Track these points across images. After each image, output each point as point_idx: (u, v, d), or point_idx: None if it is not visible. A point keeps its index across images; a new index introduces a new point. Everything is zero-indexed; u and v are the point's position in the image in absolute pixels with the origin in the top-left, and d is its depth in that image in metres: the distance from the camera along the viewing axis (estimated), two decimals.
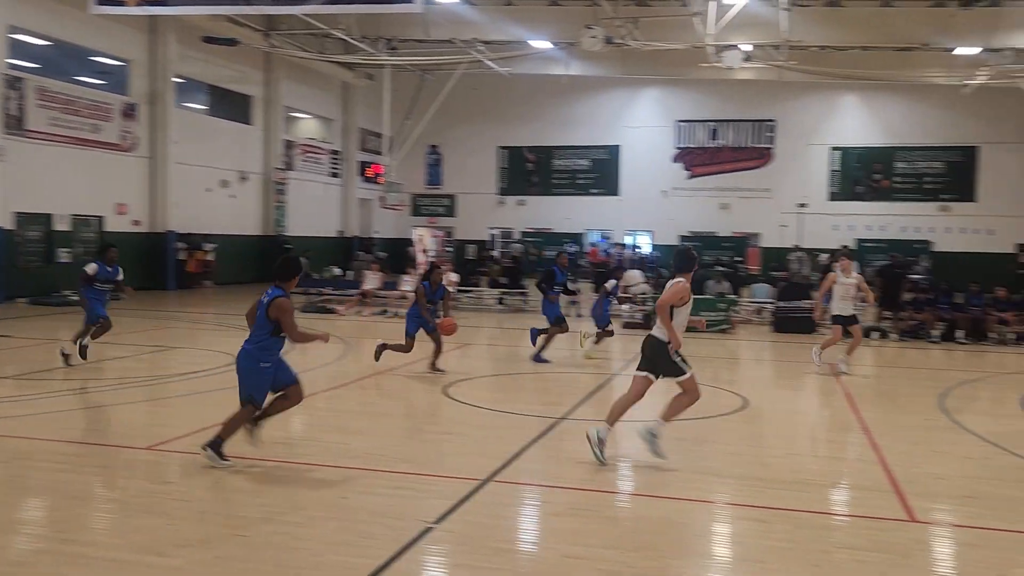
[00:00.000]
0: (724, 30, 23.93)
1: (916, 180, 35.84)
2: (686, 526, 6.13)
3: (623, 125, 38.20)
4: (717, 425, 9.43)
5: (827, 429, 9.89)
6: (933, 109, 34.49)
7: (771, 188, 36.75)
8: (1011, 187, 34.40)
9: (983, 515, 6.50)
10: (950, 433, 9.31)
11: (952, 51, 26.94)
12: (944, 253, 34.30)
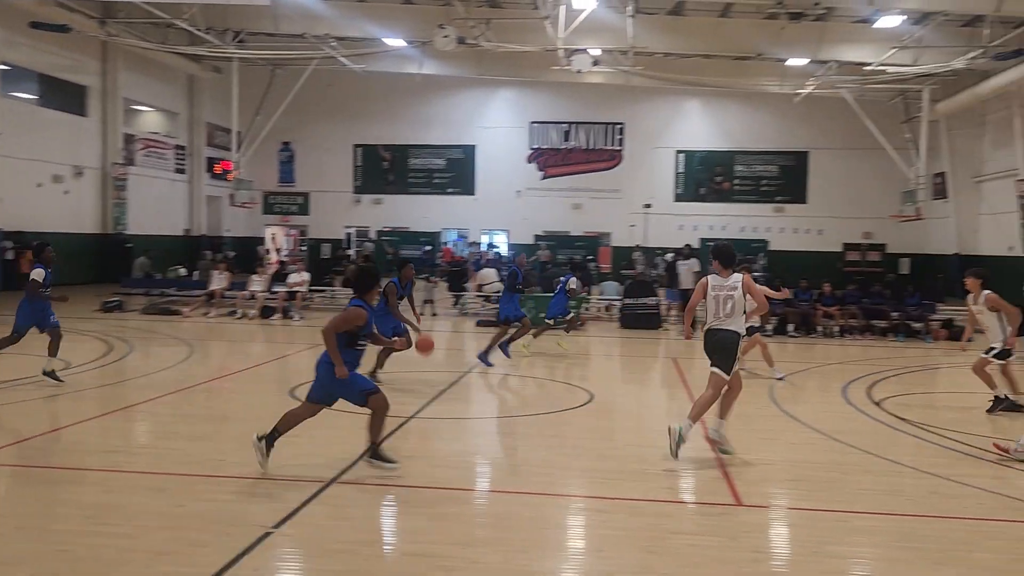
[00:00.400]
0: (573, 34, 24.51)
1: (754, 183, 37.83)
2: (530, 519, 6.25)
3: (478, 125, 38.48)
4: (564, 419, 9.67)
5: (667, 421, 10.27)
6: (768, 116, 36.48)
7: (621, 189, 37.90)
8: (838, 190, 36.87)
9: (805, 497, 6.95)
10: (779, 421, 9.88)
11: (784, 62, 28.62)
12: (779, 252, 36.33)
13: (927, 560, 5.47)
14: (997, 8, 21.28)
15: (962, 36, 24.80)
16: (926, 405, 11.43)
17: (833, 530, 6.10)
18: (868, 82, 28.53)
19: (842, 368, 14.53)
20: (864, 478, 7.38)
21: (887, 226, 34.72)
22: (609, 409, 10.53)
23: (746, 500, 6.67)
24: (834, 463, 7.92)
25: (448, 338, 18.56)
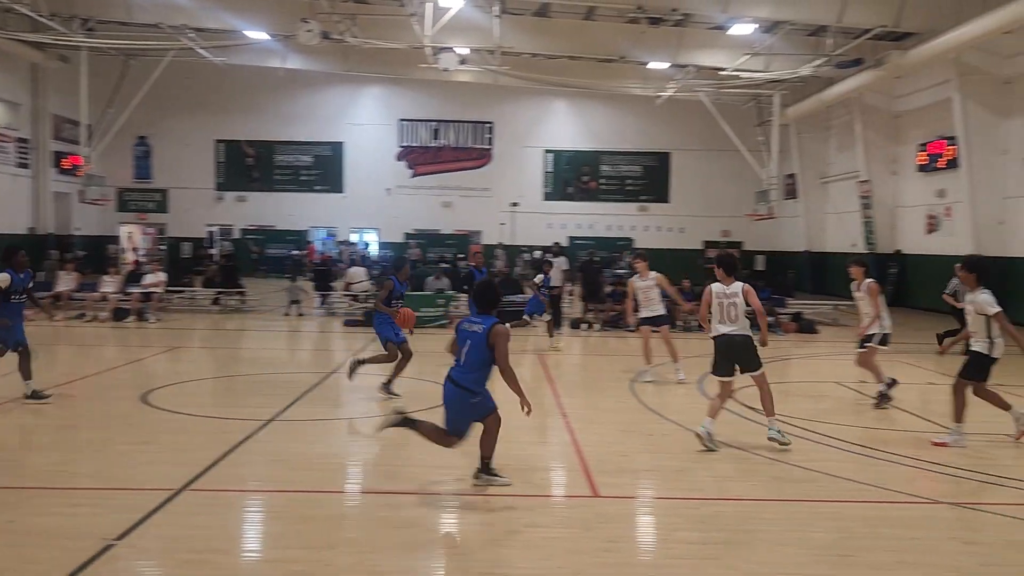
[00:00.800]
0: (440, 33, 24.48)
1: (619, 182, 38.83)
2: (387, 519, 6.19)
3: (347, 122, 37.94)
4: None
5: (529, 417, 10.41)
6: (632, 117, 37.53)
7: (490, 187, 38.16)
8: (698, 190, 38.33)
9: (658, 486, 7.19)
10: (637, 414, 10.16)
11: (646, 65, 29.43)
12: (644, 249, 37.38)
13: (767, 541, 5.76)
14: (838, 19, 22.59)
15: (808, 45, 26.18)
16: (777, 395, 11.99)
17: (683, 517, 6.33)
18: (724, 86, 29.72)
19: (701, 361, 15.04)
20: (715, 466, 7.69)
21: (743, 224, 36.29)
22: None
23: (603, 492, 6.83)
24: (687, 452, 8.20)
25: (315, 339, 18.21)
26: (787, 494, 6.83)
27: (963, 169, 23.13)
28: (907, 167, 28.04)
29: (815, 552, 5.47)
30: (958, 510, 6.51)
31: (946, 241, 25.51)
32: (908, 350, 16.30)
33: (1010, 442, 8.73)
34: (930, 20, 22.16)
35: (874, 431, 9.39)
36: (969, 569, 5.26)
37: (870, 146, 28.99)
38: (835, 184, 33.63)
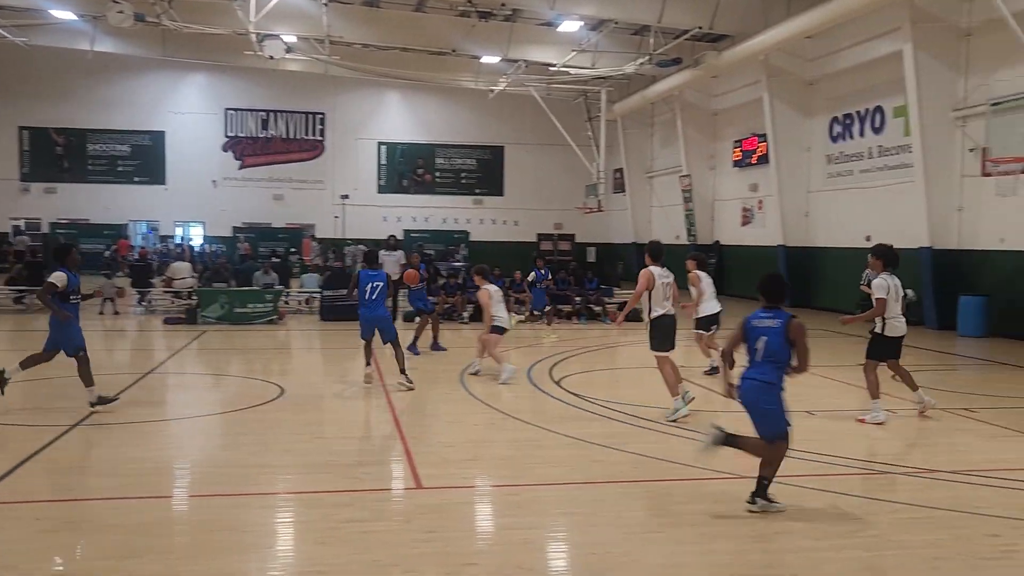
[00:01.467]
0: (266, 19, 23.74)
1: (454, 175, 39.00)
2: (200, 523, 5.95)
3: (167, 110, 36.20)
4: (251, 417, 9.33)
5: (358, 411, 10.29)
6: (466, 111, 37.77)
7: (323, 180, 37.44)
8: (531, 183, 39.06)
9: (481, 475, 7.26)
10: (465, 404, 10.23)
11: (479, 59, 29.68)
12: (480, 242, 37.77)
13: (582, 523, 5.93)
14: (659, 20, 23.56)
15: (632, 44, 27.18)
16: (601, 382, 12.42)
17: (503, 504, 6.43)
18: (553, 82, 30.41)
19: (530, 351, 15.36)
20: (536, 452, 7.86)
21: (575, 217, 37.30)
22: (300, 403, 10.31)
23: (426, 483, 6.83)
24: (511, 440, 8.35)
25: (132, 338, 17.27)
26: (604, 476, 7.06)
27: (773, 165, 24.68)
28: (724, 162, 29.65)
29: (625, 531, 5.69)
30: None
31: (759, 232, 27.16)
32: (722, 336, 17.21)
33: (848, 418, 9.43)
34: (741, 23, 23.48)
35: (693, 413, 9.85)
36: (767, 535, 5.61)
37: (690, 142, 30.43)
38: (659, 178, 35.09)
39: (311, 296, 21.54)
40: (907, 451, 8.32)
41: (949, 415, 9.77)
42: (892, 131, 20.90)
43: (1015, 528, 5.91)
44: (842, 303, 22.00)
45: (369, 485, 6.89)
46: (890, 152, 21.02)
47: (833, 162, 23.36)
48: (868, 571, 5.05)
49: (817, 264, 23.86)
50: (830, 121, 23.43)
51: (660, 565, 5.09)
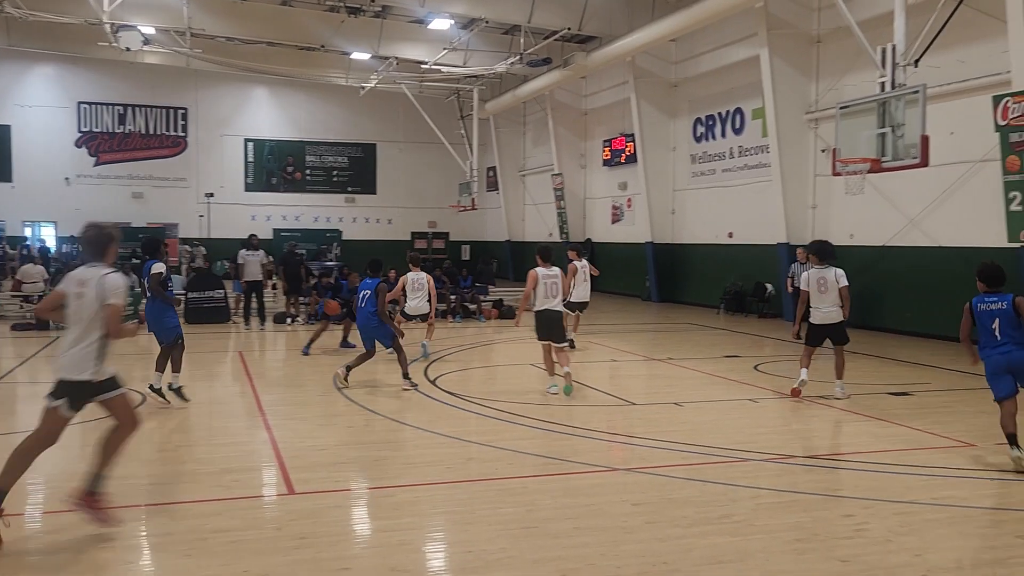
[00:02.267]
0: (122, 9, 22.67)
1: (326, 173, 38.27)
2: (54, 541, 5.60)
3: (13, 103, 33.99)
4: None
5: (226, 417, 9.96)
6: (336, 108, 37.14)
7: (187, 177, 36.04)
8: (405, 181, 38.79)
9: (356, 477, 7.15)
10: (338, 406, 10.05)
11: (349, 55, 29.23)
12: (353, 241, 37.24)
13: (458, 522, 5.93)
14: (528, 20, 23.82)
15: (503, 43, 27.37)
16: (477, 379, 12.45)
17: (378, 506, 6.35)
18: (425, 80, 30.30)
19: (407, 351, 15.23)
20: (411, 452, 7.81)
21: (449, 215, 37.26)
22: (164, 411, 9.88)
23: (299, 488, 6.67)
24: (386, 442, 8.26)
25: None
26: (477, 474, 7.08)
27: (640, 164, 25.36)
28: (595, 161, 30.26)
29: (501, 527, 5.71)
30: (629, 475, 7.10)
31: (628, 230, 27.86)
32: (595, 331, 17.59)
33: (713, 408, 9.74)
34: (608, 25, 24.03)
35: (563, 408, 10.01)
36: (636, 526, 5.75)
37: (562, 141, 30.91)
38: (532, 177, 35.50)
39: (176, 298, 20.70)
40: (769, 438, 8.70)
41: (807, 403, 10.28)
42: (751, 132, 21.85)
43: (866, 507, 6.27)
44: (708, 297, 22.86)
45: (239, 492, 6.66)
46: (750, 152, 21.96)
47: (697, 161, 24.22)
48: (734, 555, 5.24)
49: (683, 260, 24.69)
50: (694, 122, 24.28)
51: (534, 560, 5.13)
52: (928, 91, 11.76)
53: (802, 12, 19.28)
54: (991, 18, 14.20)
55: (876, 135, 12.12)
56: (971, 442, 8.24)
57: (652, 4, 22.72)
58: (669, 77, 25.06)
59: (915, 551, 5.31)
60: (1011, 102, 13.64)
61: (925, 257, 16.48)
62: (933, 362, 13.53)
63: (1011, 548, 5.49)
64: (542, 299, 10.56)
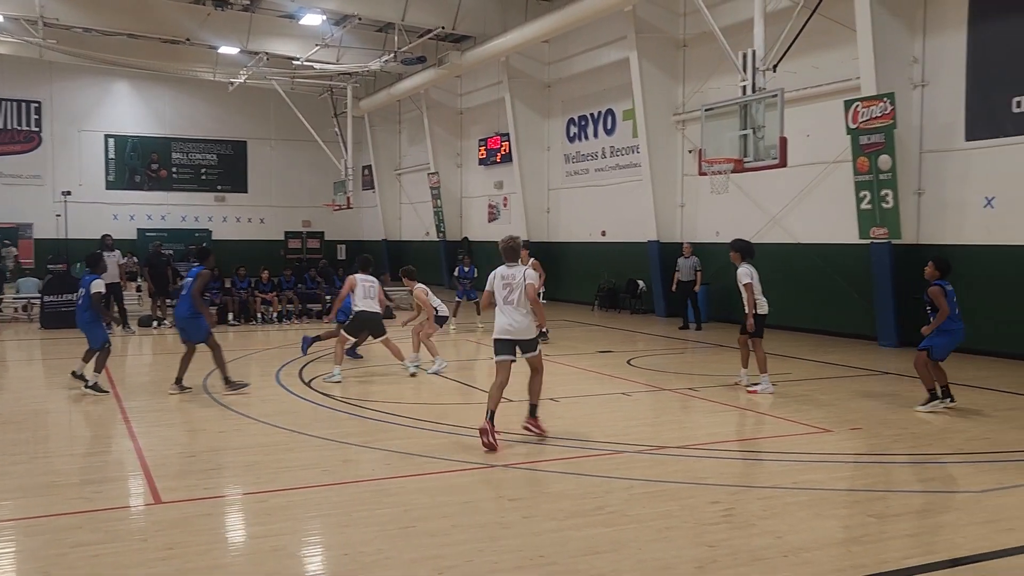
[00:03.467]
0: None
1: (193, 171, 36.92)
2: None
3: None
4: None
5: (87, 426, 9.48)
6: (204, 104, 35.89)
7: (42, 175, 34.05)
8: (277, 180, 37.87)
9: (227, 484, 6.94)
10: (207, 411, 9.72)
11: (217, 49, 28.30)
12: (223, 241, 36.05)
13: (334, 525, 5.84)
14: (402, 18, 23.66)
15: (378, 40, 27.09)
16: (354, 380, 12.27)
17: (250, 512, 6.18)
18: (297, 76, 29.64)
19: (280, 352, 14.89)
20: (285, 456, 7.63)
21: (324, 214, 36.60)
22: (17, 421, 9.32)
23: (166, 497, 6.41)
24: (260, 446, 8.04)
25: None
26: (354, 476, 6.99)
27: (516, 163, 25.61)
28: (471, 160, 30.36)
29: (378, 528, 5.65)
30: (506, 471, 7.16)
31: (505, 228, 28.04)
32: (474, 330, 17.67)
33: (588, 403, 9.88)
34: (482, 25, 24.15)
35: (443, 407, 10.01)
36: (513, 521, 5.80)
37: (438, 140, 30.86)
38: (408, 175, 35.31)
39: (29, 302, 19.56)
40: (641, 430, 8.94)
41: (677, 395, 10.62)
42: (622, 133, 22.40)
43: (732, 494, 6.54)
44: (582, 295, 23.30)
45: (101, 504, 6.34)
46: (621, 152, 22.50)
47: (571, 161, 24.64)
48: (609, 545, 5.36)
49: (558, 258, 25.07)
50: (567, 122, 24.69)
51: (412, 560, 5.11)
52: (786, 95, 12.33)
53: (669, 17, 19.90)
54: (843, 27, 15.04)
55: (739, 136, 12.63)
56: (828, 428, 8.71)
57: (525, 5, 22.97)
58: (543, 77, 25.39)
59: (777, 533, 5.57)
60: (861, 107, 14.50)
61: (786, 253, 17.30)
62: (794, 353, 14.23)
63: (864, 527, 5.84)
64: (361, 300, 11.75)
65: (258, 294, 19.25)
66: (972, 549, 5.28)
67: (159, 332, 17.79)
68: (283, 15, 26.03)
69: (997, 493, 6.44)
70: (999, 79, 13.53)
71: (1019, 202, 13.35)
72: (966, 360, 13.39)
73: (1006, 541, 5.41)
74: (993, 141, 13.65)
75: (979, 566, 5.03)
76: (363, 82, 31.78)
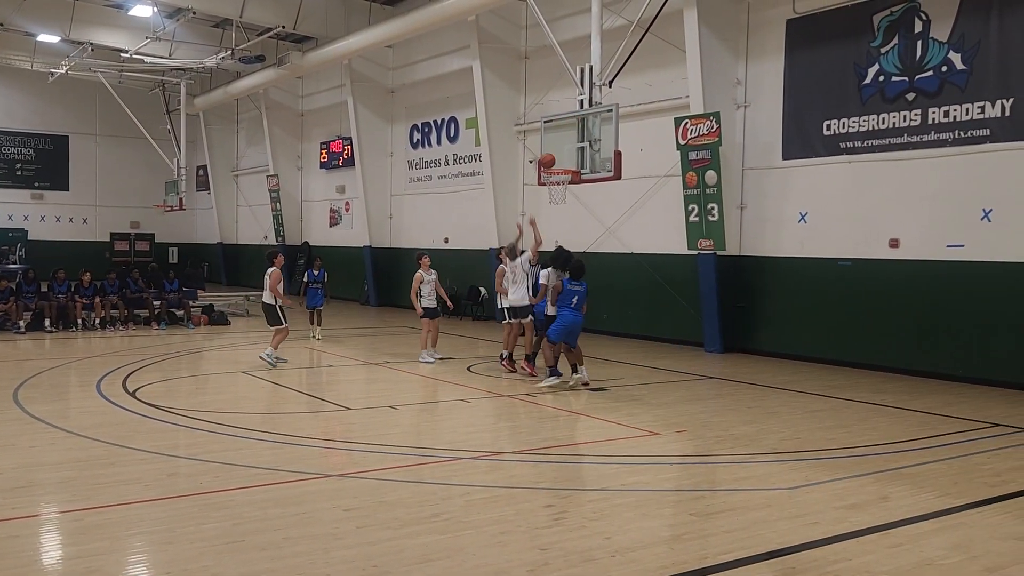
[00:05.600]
0: None
1: (8, 166, 34.38)
2: None
3: None
4: None
5: None
6: (22, 95, 33.54)
7: None
8: (103, 178, 35.80)
9: (37, 502, 6.48)
10: (20, 425, 9.05)
11: (35, 37, 26.50)
12: (40, 241, 33.75)
13: (157, 542, 5.57)
14: (240, 14, 22.91)
15: (214, 36, 26.12)
16: (183, 390, 11.77)
17: (64, 532, 5.80)
18: (126, 69, 28.16)
19: (104, 360, 14.07)
20: (105, 471, 7.21)
21: (154, 216, 34.92)
22: None
23: None
24: (76, 461, 7.56)
25: None
26: (180, 490, 6.69)
27: (358, 168, 25.32)
28: (312, 163, 29.76)
29: (204, 544, 5.44)
30: (343, 480, 7.06)
31: (347, 233, 27.72)
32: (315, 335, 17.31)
33: (427, 410, 9.81)
34: (324, 27, 23.76)
35: (277, 416, 9.75)
36: (347, 531, 5.73)
37: (277, 142, 30.09)
38: (246, 177, 34.22)
39: None
40: (480, 436, 9.03)
41: (517, 401, 10.79)
42: (465, 141, 22.57)
43: (564, 497, 6.72)
44: None
45: None
46: (464, 160, 22.68)
47: (414, 167, 24.60)
48: (443, 552, 5.38)
49: (400, 264, 24.95)
50: (411, 128, 24.64)
51: (240, 575, 4.95)
52: (621, 110, 12.76)
53: (511, 29, 20.24)
54: (674, 47, 15.77)
55: (576, 148, 12.98)
56: (656, 431, 9.10)
57: (369, 9, 22.78)
58: (386, 83, 25.24)
59: (605, 534, 5.76)
60: (689, 124, 15.26)
61: (620, 262, 17.95)
62: (626, 359, 14.77)
63: (687, 525, 6.14)
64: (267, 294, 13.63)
65: (79, 299, 18.08)
66: (783, 543, 5.64)
67: None
68: (110, 4, 24.69)
69: (805, 489, 6.92)
70: (812, 103, 14.59)
71: (828, 218, 14.42)
72: (775, 363, 14.35)
73: (812, 534, 5.82)
74: (806, 160, 14.70)
75: (789, 558, 5.39)
76: (198, 79, 30.54)
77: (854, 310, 14.03)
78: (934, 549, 5.59)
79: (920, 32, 13.11)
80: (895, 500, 6.66)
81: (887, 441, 8.79)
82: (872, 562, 5.32)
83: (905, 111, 13.29)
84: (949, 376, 12.63)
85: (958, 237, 12.64)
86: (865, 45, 13.80)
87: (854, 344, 14.00)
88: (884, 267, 13.61)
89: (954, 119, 12.68)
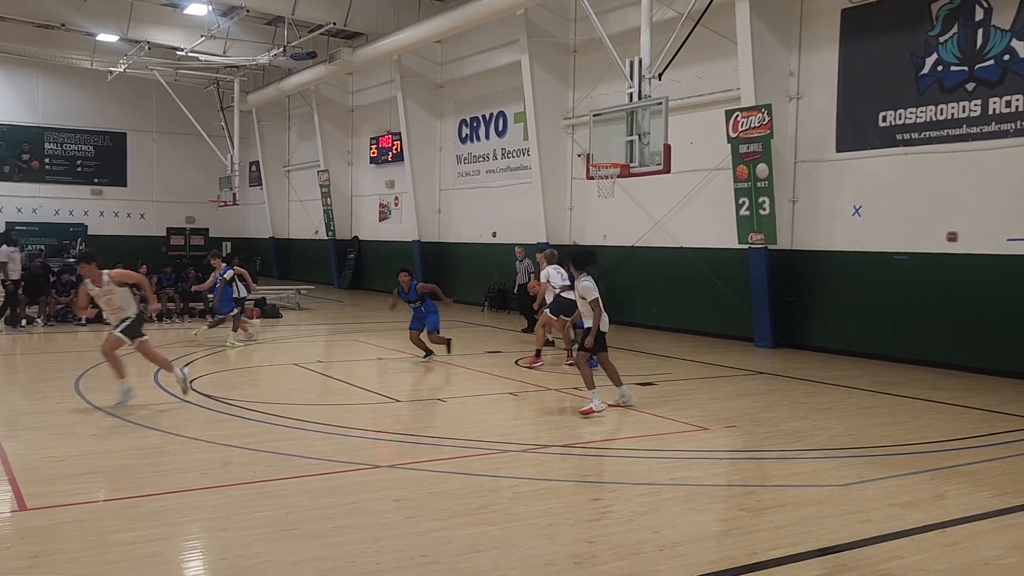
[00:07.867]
0: None
1: (68, 163, 35.26)
2: None
3: None
4: None
5: None
6: (81, 92, 34.34)
7: None
8: (159, 174, 36.56)
9: (98, 488, 6.67)
10: (78, 414, 9.31)
11: (95, 36, 27.13)
12: (100, 236, 34.57)
13: (212, 528, 5.70)
14: (292, 12, 23.21)
15: (266, 34, 26.50)
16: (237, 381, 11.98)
17: (122, 518, 5.94)
18: (182, 67, 28.70)
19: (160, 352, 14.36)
20: (162, 459, 7.39)
21: (209, 211, 35.54)
22: None
23: (32, 503, 6.12)
24: (134, 449, 7.77)
25: None
26: (234, 478, 6.83)
27: (407, 162, 25.49)
28: (362, 158, 30.05)
29: (258, 531, 5.55)
30: (392, 471, 7.14)
31: (396, 228, 27.93)
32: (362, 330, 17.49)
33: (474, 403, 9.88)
34: (375, 23, 23.95)
35: (329, 407, 9.88)
36: (396, 521, 5.79)
37: (328, 137, 30.42)
38: (297, 172, 34.67)
39: None
40: (527, 430, 9.06)
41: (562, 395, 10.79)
42: (513, 135, 22.59)
43: (612, 491, 6.71)
44: (472, 295, 23.38)
45: None
46: (512, 155, 22.70)
47: (462, 162, 24.69)
48: (492, 543, 5.41)
49: (449, 258, 25.09)
50: (459, 123, 24.73)
51: (292, 563, 5.04)
52: (670, 103, 12.69)
53: (560, 22, 20.19)
54: (725, 39, 15.60)
55: (625, 142, 12.93)
56: (705, 426, 9.03)
57: (418, 4, 22.90)
58: (435, 78, 25.36)
59: (653, 528, 5.74)
60: (740, 117, 15.08)
61: (669, 257, 17.81)
62: (675, 354, 14.67)
63: (736, 520, 6.09)
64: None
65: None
66: (834, 539, 5.57)
67: (28, 330, 16.92)
68: (166, 3, 25.16)
69: (857, 486, 6.81)
70: (867, 95, 14.31)
71: (883, 211, 14.14)
72: (826, 359, 14.13)
73: (864, 532, 5.73)
74: (861, 153, 14.42)
75: (840, 555, 5.32)
76: (251, 76, 31.03)
77: (910, 305, 13.75)
78: (991, 549, 5.48)
79: (981, 20, 12.78)
80: (951, 498, 6.53)
81: (943, 439, 8.62)
82: (926, 560, 5.22)
83: (964, 102, 12.97)
84: (1008, 373, 12.32)
85: (1019, 231, 12.31)
86: (923, 34, 13.50)
87: (910, 340, 13.73)
88: (941, 261, 13.32)
89: (1016, 109, 12.33)
